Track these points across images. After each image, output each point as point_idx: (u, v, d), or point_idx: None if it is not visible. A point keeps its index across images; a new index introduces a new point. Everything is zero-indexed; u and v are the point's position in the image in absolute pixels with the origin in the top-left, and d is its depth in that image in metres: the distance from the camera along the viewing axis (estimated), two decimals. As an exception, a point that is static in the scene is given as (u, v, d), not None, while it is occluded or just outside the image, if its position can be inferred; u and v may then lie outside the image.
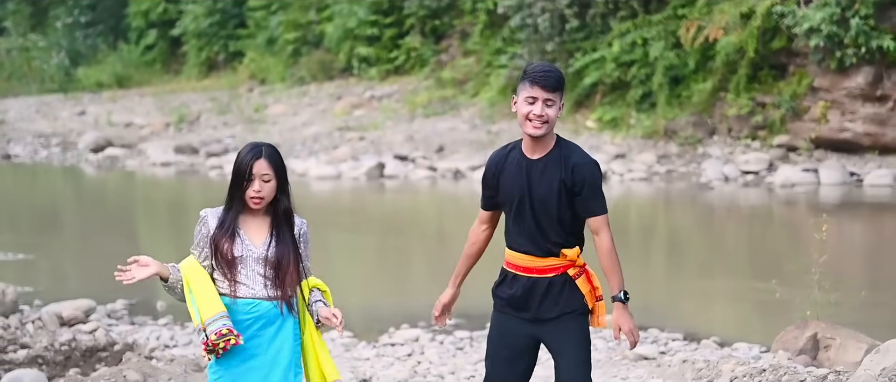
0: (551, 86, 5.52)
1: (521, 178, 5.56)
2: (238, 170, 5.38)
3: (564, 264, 5.60)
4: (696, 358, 8.34)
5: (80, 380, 6.99)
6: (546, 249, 5.56)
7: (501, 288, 5.67)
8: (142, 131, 32.71)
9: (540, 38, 27.36)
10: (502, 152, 5.70)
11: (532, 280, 5.57)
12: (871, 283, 13.55)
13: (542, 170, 5.55)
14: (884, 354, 6.71)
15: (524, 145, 5.61)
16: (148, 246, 18.21)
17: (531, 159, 5.58)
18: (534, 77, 5.56)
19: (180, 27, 40.45)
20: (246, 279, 5.34)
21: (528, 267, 5.57)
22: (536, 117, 5.50)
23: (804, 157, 23.33)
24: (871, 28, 22.30)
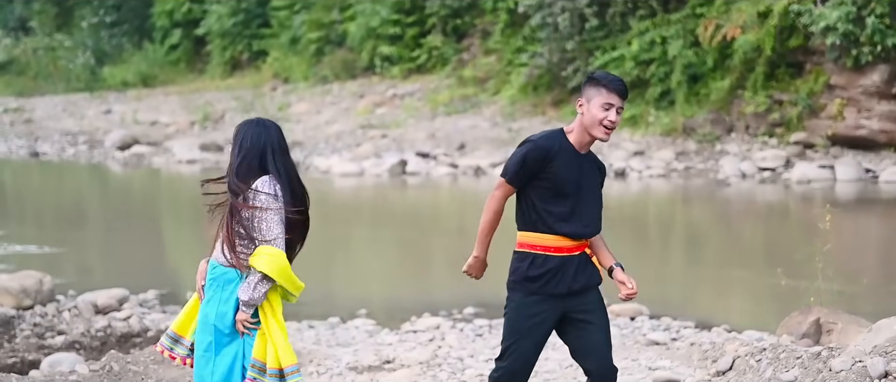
0: (625, 96, 5.98)
1: (574, 169, 5.94)
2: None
3: (584, 244, 6.03)
4: (702, 341, 8.72)
5: (121, 358, 7.38)
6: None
7: (531, 269, 5.96)
8: (167, 129, 33.17)
9: (560, 36, 27.67)
10: (553, 142, 5.99)
11: (563, 258, 5.94)
12: (878, 274, 13.90)
13: (589, 166, 6.01)
14: (876, 333, 7.09)
15: (576, 142, 5.99)
16: (174, 241, 18.66)
17: (581, 154, 5.98)
18: (612, 85, 5.98)
19: (204, 27, 40.85)
20: None
21: (560, 246, 5.94)
22: (611, 123, 5.91)
23: (820, 154, 23.60)
24: (887, 26, 22.56)
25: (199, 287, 5.59)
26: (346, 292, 13.25)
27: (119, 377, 7.14)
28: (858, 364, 6.59)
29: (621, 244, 18.17)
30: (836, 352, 6.95)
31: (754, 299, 12.33)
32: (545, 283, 5.94)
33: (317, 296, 12.85)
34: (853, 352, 6.77)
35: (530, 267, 5.98)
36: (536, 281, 5.96)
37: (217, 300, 5.53)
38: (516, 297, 6.02)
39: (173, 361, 5.70)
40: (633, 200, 22.07)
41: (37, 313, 10.25)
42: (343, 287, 13.73)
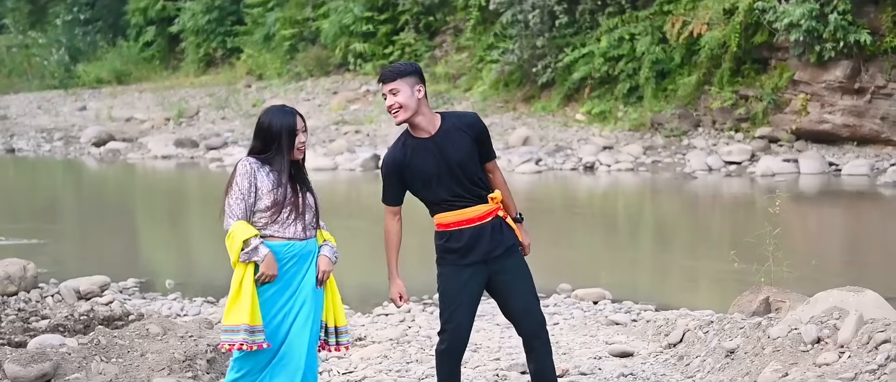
0: (385, 80, 6.44)
1: (428, 158, 6.40)
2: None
3: (492, 210, 6.51)
4: (657, 318, 9.20)
5: (107, 332, 7.77)
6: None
7: (450, 242, 6.46)
8: (142, 126, 33.48)
9: (531, 33, 28.11)
10: (396, 151, 6.51)
11: (476, 228, 6.44)
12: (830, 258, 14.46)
13: (443, 141, 6.41)
14: (813, 305, 7.59)
15: (416, 132, 6.46)
16: (150, 233, 19.00)
17: (427, 138, 6.42)
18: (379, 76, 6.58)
19: (179, 24, 41.08)
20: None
21: (469, 218, 6.44)
22: (389, 108, 6.44)
23: (785, 148, 24.10)
24: (849, 23, 23.05)
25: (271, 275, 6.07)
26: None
27: (106, 349, 7.55)
28: (794, 331, 7.09)
29: (590, 234, 18.68)
30: (775, 322, 7.46)
31: (714, 283, 12.80)
32: (465, 253, 6.41)
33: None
34: (790, 321, 7.29)
35: (448, 241, 6.47)
36: (457, 252, 6.43)
37: (313, 271, 6.20)
38: (443, 270, 6.51)
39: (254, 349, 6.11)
40: (601, 193, 22.52)
41: (21, 299, 10.59)
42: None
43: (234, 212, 6.10)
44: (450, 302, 6.49)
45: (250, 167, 6.13)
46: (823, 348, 6.83)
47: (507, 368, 8.07)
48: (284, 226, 6.15)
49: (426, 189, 6.44)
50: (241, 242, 6.04)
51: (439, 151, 6.38)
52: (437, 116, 6.49)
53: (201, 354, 7.69)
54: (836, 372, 6.45)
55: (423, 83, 6.48)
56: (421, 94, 6.40)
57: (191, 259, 16.03)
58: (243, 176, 6.11)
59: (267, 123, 6.18)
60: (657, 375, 7.72)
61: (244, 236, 6.04)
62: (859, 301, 7.51)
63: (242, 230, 6.06)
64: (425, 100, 6.44)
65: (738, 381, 7.01)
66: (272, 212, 6.13)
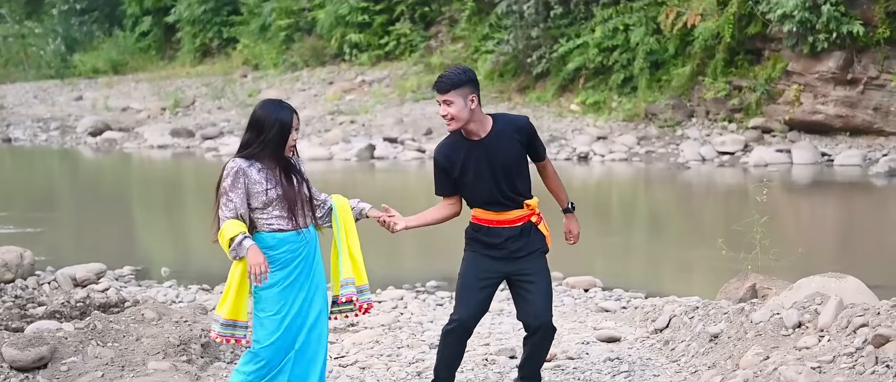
0: (441, 90, 6.69)
1: (471, 159, 6.66)
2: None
3: (526, 215, 6.76)
4: (645, 305, 9.35)
5: (103, 317, 7.90)
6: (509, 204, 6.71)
7: (480, 234, 6.76)
8: (138, 115, 33.56)
9: (525, 24, 28.21)
10: (444, 149, 6.81)
11: (506, 229, 6.73)
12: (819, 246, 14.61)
13: (490, 145, 6.66)
14: (796, 290, 7.74)
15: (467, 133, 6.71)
16: (146, 222, 19.12)
17: (475, 141, 6.68)
18: (434, 86, 6.80)
19: (175, 14, 41.11)
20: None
21: (501, 220, 6.72)
22: (442, 117, 6.74)
23: (778, 139, 24.23)
24: (842, 14, 23.17)
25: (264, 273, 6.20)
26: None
27: (102, 333, 7.67)
28: (776, 315, 7.24)
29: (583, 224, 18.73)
30: (758, 307, 7.62)
31: (703, 271, 12.94)
32: (492, 247, 6.69)
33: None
34: (772, 306, 7.45)
35: (479, 232, 6.75)
36: (484, 244, 6.71)
37: (319, 259, 6.47)
38: (468, 256, 6.77)
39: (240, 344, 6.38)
40: (595, 183, 22.65)
41: (18, 286, 10.71)
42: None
43: (224, 215, 6.23)
44: (466, 287, 6.74)
45: (239, 167, 6.23)
46: (804, 332, 6.98)
47: (496, 352, 8.21)
48: (283, 219, 6.30)
49: (469, 187, 6.70)
50: (228, 240, 6.17)
51: (487, 154, 6.65)
52: (488, 119, 6.73)
53: (196, 339, 7.82)
54: (815, 355, 6.60)
55: (477, 91, 6.72)
56: (474, 104, 6.65)
57: (186, 247, 16.14)
58: (231, 177, 6.22)
59: (263, 116, 6.28)
60: (643, 359, 7.86)
61: (230, 234, 6.17)
62: (841, 286, 7.67)
63: (230, 228, 6.19)
64: (479, 108, 6.68)
65: (721, 364, 7.16)
66: (271, 207, 6.26)
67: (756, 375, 6.65)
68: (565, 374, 7.60)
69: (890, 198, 19.66)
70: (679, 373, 7.41)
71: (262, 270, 6.14)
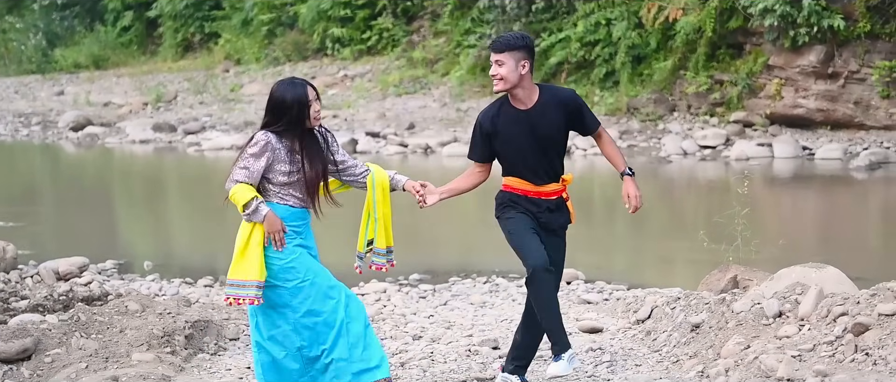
0: (499, 49, 6.73)
1: (515, 127, 6.75)
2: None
3: (558, 190, 6.90)
4: (627, 296, 9.41)
5: (87, 309, 7.92)
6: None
7: (512, 198, 6.85)
8: (120, 110, 33.51)
9: (508, 18, 28.27)
10: (489, 112, 6.88)
11: (538, 199, 6.84)
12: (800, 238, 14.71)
13: (538, 115, 6.74)
14: (777, 281, 7.80)
15: (514, 102, 6.79)
16: (128, 216, 19.11)
17: (522, 110, 6.75)
18: (490, 45, 6.86)
19: (156, 9, 41.05)
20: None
21: (538, 191, 6.82)
22: (492, 76, 6.77)
23: (759, 132, 24.32)
24: (823, 8, 23.26)
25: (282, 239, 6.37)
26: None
27: (86, 325, 7.69)
28: (756, 305, 7.30)
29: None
30: (739, 297, 7.68)
31: (686, 263, 13.01)
32: (526, 209, 6.80)
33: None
34: (753, 296, 7.51)
35: (511, 197, 6.86)
36: (518, 205, 6.82)
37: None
38: (508, 215, 6.85)
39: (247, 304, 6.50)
40: (578, 177, 22.54)
41: (0, 280, 10.69)
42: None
43: (237, 177, 6.40)
44: (522, 235, 6.76)
45: (268, 141, 6.41)
46: (785, 321, 7.04)
47: (479, 343, 8.25)
48: (298, 198, 6.51)
49: (510, 155, 6.78)
50: (242, 205, 6.35)
51: (530, 124, 6.72)
52: (535, 89, 6.81)
53: (180, 330, 7.84)
54: (796, 344, 6.65)
55: (532, 58, 6.79)
56: (525, 70, 6.72)
57: (168, 241, 16.15)
58: (258, 146, 6.41)
59: (279, 97, 6.45)
60: (625, 349, 7.91)
61: (244, 199, 6.35)
62: (821, 276, 7.73)
63: (243, 192, 6.36)
64: (529, 76, 6.74)
65: (703, 353, 7.21)
66: (290, 187, 6.48)
67: (737, 364, 6.71)
68: (548, 364, 7.64)
69: (870, 191, 19.77)
70: (661, 363, 7.47)
71: (280, 236, 6.34)
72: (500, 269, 11.85)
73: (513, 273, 11.79)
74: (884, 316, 6.44)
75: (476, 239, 15.34)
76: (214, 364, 7.72)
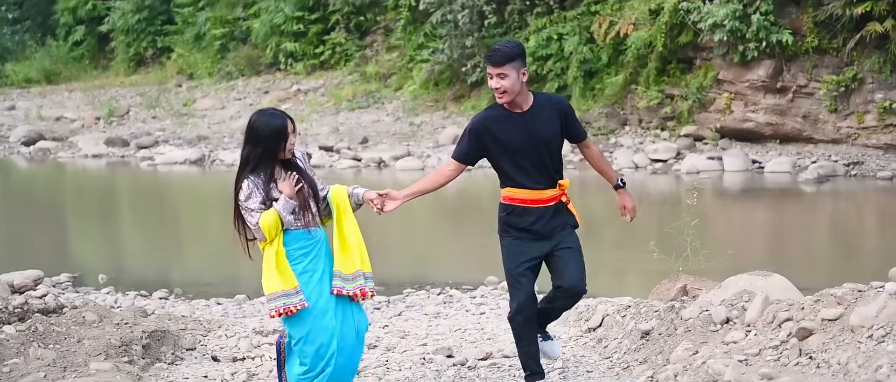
0: (497, 63, 6.83)
1: (511, 132, 6.88)
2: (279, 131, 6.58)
3: (557, 195, 7.06)
4: (579, 305, 9.55)
5: (44, 319, 7.97)
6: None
7: (511, 217, 6.98)
8: (72, 125, 33.40)
9: (460, 33, 28.42)
10: (484, 115, 7.01)
11: (539, 209, 6.98)
12: (747, 249, 14.93)
13: (533, 120, 6.89)
14: (725, 289, 8.00)
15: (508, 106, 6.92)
16: (81, 230, 19.09)
17: (516, 113, 6.89)
18: (486, 58, 6.97)
19: (108, 23, 40.97)
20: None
21: (535, 199, 6.95)
22: (494, 89, 6.88)
23: (710, 146, 24.58)
24: (772, 23, 23.58)
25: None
26: (252, 274, 13.83)
27: (44, 336, 7.74)
28: (705, 312, 7.47)
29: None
30: (687, 304, 7.85)
31: (637, 274, 13.17)
32: (527, 229, 6.93)
33: (223, 277, 13.48)
34: (701, 303, 7.70)
35: (511, 214, 6.97)
36: (518, 228, 6.95)
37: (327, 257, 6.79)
38: (506, 242, 7.01)
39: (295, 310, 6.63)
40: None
41: (-46, 293, 10.69)
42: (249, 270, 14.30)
43: (254, 220, 6.59)
44: (512, 274, 7.02)
45: (252, 183, 6.59)
46: (732, 327, 7.21)
47: (434, 352, 8.36)
48: (291, 218, 6.62)
49: (508, 159, 6.88)
50: (278, 225, 6.56)
51: (527, 127, 6.85)
52: (530, 94, 6.95)
53: (137, 340, 7.91)
54: (742, 349, 6.82)
55: (526, 63, 6.92)
56: (525, 77, 6.88)
57: (123, 255, 16.16)
58: (248, 193, 6.57)
59: (258, 127, 6.61)
60: (577, 357, 8.06)
61: (272, 218, 6.55)
62: (767, 284, 7.94)
63: (267, 218, 6.56)
64: (525, 82, 6.89)
65: (652, 359, 7.36)
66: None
67: (685, 369, 6.86)
68: (501, 371, 7.77)
69: (818, 204, 20.05)
70: (611, 369, 7.62)
71: (292, 182, 6.56)
72: (454, 281, 11.97)
73: (466, 284, 11.93)
74: (827, 320, 6.63)
75: (430, 251, 15.45)
76: (172, 373, 7.79)
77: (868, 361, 6.03)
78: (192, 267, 15.06)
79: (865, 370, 5.97)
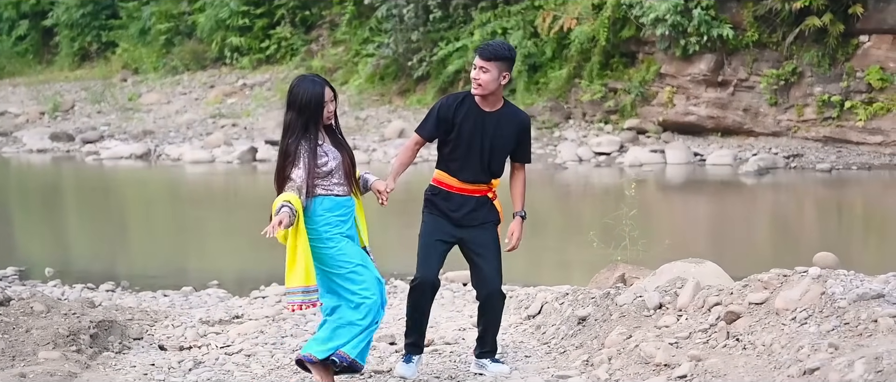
0: (487, 57, 7.09)
1: (473, 125, 7.12)
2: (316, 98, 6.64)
3: (485, 188, 7.32)
4: (518, 293, 9.79)
5: (-8, 311, 8.08)
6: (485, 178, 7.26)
7: (437, 197, 7.23)
8: (17, 120, 33.28)
9: (406, 27, 28.61)
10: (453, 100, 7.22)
11: (463, 197, 7.24)
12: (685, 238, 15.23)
13: (497, 121, 7.15)
14: (659, 275, 8.26)
15: (480, 101, 7.17)
16: (28, 224, 19.09)
17: (486, 111, 7.14)
18: (477, 51, 7.22)
19: (52, 18, 40.79)
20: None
21: (461, 187, 7.22)
22: (473, 79, 7.12)
23: (652, 139, 24.92)
24: (713, 18, 23.95)
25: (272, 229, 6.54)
26: (199, 266, 14.00)
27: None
28: (639, 298, 7.72)
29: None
30: (622, 291, 8.10)
31: (579, 264, 13.40)
32: (448, 211, 7.19)
33: (170, 270, 13.59)
34: (635, 289, 7.95)
35: (437, 195, 7.24)
36: (440, 208, 7.21)
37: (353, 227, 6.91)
38: (427, 217, 7.27)
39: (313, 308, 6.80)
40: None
41: None
42: (196, 262, 14.47)
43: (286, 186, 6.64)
44: (425, 246, 7.24)
45: (299, 147, 6.64)
46: (664, 312, 7.45)
47: (377, 339, 8.52)
48: (341, 186, 6.80)
49: (457, 148, 7.11)
50: (273, 212, 6.56)
51: (487, 127, 7.11)
52: (503, 100, 7.23)
53: (85, 329, 8.02)
54: (674, 332, 7.06)
55: (511, 72, 7.18)
56: (504, 81, 7.12)
57: (69, 248, 16.21)
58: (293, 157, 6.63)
59: (298, 93, 6.70)
60: (516, 342, 8.26)
61: (274, 208, 6.57)
62: (699, 271, 8.20)
63: (279, 199, 6.59)
64: (502, 87, 7.12)
65: (588, 344, 7.59)
66: (331, 176, 6.76)
67: (619, 352, 7.10)
68: (442, 357, 7.96)
69: (758, 195, 20.39)
70: (549, 354, 7.83)
71: (274, 226, 6.46)
72: (398, 272, 12.14)
73: (409, 275, 12.08)
74: (753, 304, 6.88)
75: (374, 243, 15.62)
76: (119, 361, 7.91)
77: (791, 342, 6.29)
78: (139, 260, 15.16)
79: (788, 350, 6.23)
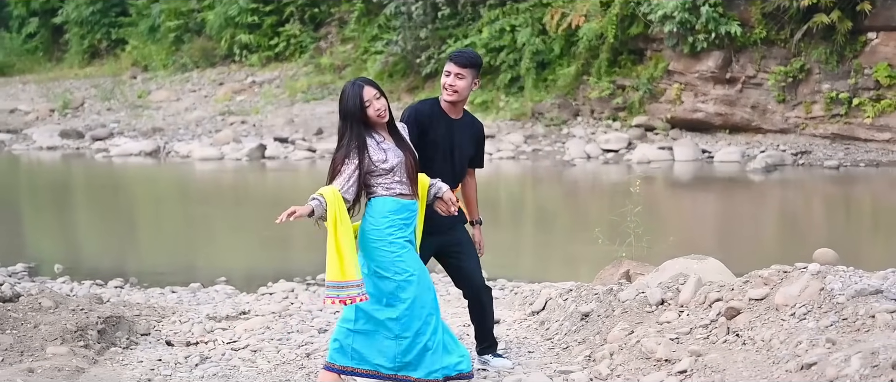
0: (463, 65, 7.19)
1: (446, 132, 7.19)
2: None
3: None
4: (523, 289, 9.86)
5: (1, 306, 8.14)
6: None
7: None
8: (27, 117, 33.40)
9: (414, 25, 28.66)
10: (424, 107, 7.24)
11: None
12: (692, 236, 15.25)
13: (461, 128, 7.26)
14: (662, 272, 8.32)
15: (447, 109, 7.24)
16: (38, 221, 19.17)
17: (453, 118, 7.24)
18: (451, 57, 7.28)
19: (62, 15, 40.93)
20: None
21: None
22: (448, 86, 7.18)
23: (660, 136, 24.94)
24: (720, 15, 23.96)
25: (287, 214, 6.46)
26: (207, 263, 14.05)
27: (1, 321, 7.93)
28: (641, 294, 7.78)
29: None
30: (625, 287, 8.17)
31: (585, 261, 13.43)
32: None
33: (178, 267, 13.65)
34: (638, 285, 8.02)
35: None
36: None
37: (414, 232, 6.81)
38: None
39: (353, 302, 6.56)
40: (483, 181, 22.98)
41: (-90, 282, 10.82)
42: (204, 259, 14.52)
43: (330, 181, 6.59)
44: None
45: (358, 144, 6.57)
46: (666, 308, 7.51)
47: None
48: (404, 185, 6.70)
49: (432, 154, 7.12)
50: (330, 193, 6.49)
51: (453, 133, 7.22)
52: (464, 109, 7.35)
53: (92, 325, 8.09)
54: (675, 328, 7.12)
55: (479, 78, 7.32)
56: (475, 87, 7.29)
57: (78, 245, 16.27)
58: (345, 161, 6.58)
59: (340, 100, 6.69)
60: (520, 338, 8.32)
61: (330, 188, 6.50)
62: (702, 267, 8.26)
63: (321, 190, 6.52)
64: (472, 91, 7.28)
65: (590, 340, 7.65)
66: (392, 173, 6.65)
67: (621, 348, 7.16)
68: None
69: (766, 192, 20.39)
70: (552, 349, 7.89)
71: (287, 214, 6.39)
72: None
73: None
74: (753, 300, 6.94)
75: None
76: (126, 357, 7.98)
77: (790, 337, 6.34)
78: (148, 256, 15.22)
79: (787, 345, 6.28)
